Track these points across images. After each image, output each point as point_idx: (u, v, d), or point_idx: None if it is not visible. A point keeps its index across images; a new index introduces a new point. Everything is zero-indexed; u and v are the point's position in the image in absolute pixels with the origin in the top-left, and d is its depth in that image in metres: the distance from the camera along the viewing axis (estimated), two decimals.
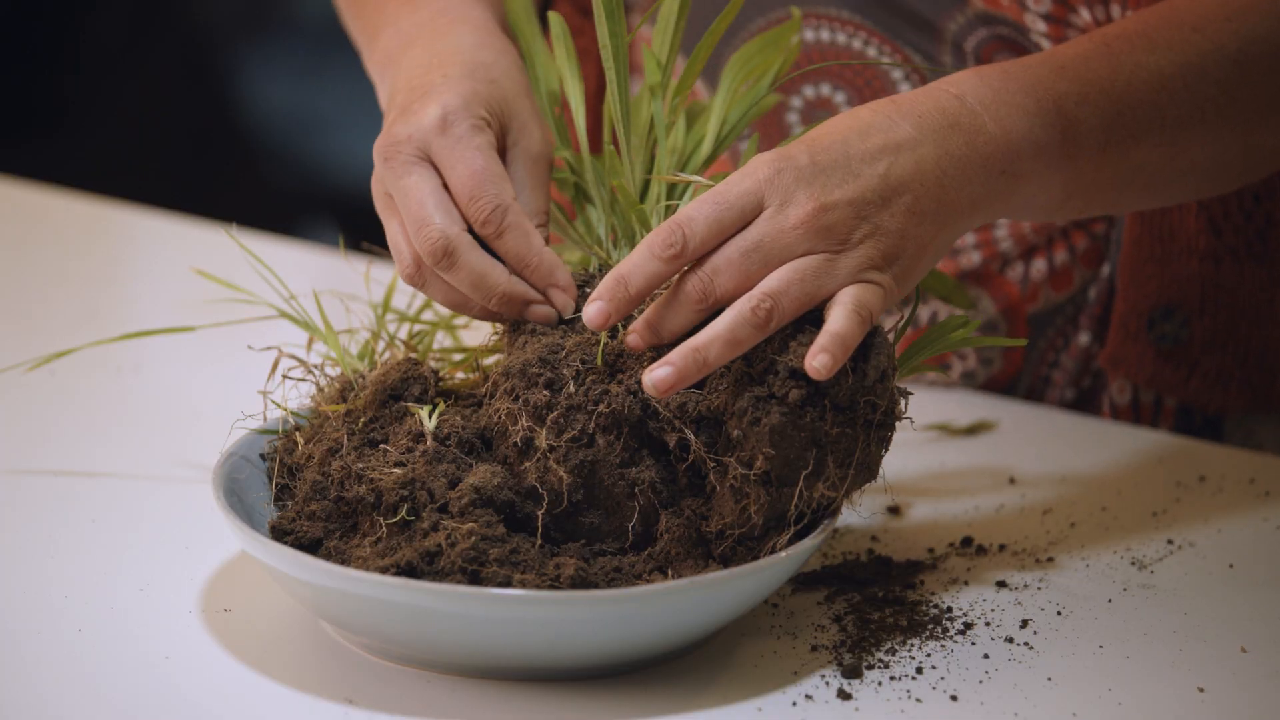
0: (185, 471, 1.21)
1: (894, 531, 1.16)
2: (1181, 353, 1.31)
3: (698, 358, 0.95)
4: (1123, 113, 1.07)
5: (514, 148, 1.09)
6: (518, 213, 1.04)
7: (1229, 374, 1.32)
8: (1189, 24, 1.10)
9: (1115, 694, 0.96)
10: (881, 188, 0.99)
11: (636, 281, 0.97)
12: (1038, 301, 1.35)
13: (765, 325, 0.96)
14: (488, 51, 1.11)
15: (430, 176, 1.05)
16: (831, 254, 0.97)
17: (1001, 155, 1.02)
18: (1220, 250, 1.29)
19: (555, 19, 1.16)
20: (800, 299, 0.96)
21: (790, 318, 0.96)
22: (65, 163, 2.94)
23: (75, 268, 1.72)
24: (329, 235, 2.80)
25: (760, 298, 0.96)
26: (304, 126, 3.00)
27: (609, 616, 0.92)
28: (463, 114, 1.06)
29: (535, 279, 1.04)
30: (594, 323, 0.97)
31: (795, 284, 0.96)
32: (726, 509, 0.97)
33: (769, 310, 0.95)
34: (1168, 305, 1.30)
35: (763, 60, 1.15)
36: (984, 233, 1.34)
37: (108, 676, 0.96)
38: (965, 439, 1.31)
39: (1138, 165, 1.08)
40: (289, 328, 1.13)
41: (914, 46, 1.31)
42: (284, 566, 0.94)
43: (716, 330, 0.95)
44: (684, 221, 0.97)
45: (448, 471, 0.98)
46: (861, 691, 0.96)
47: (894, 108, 1.01)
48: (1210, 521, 1.17)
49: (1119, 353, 1.32)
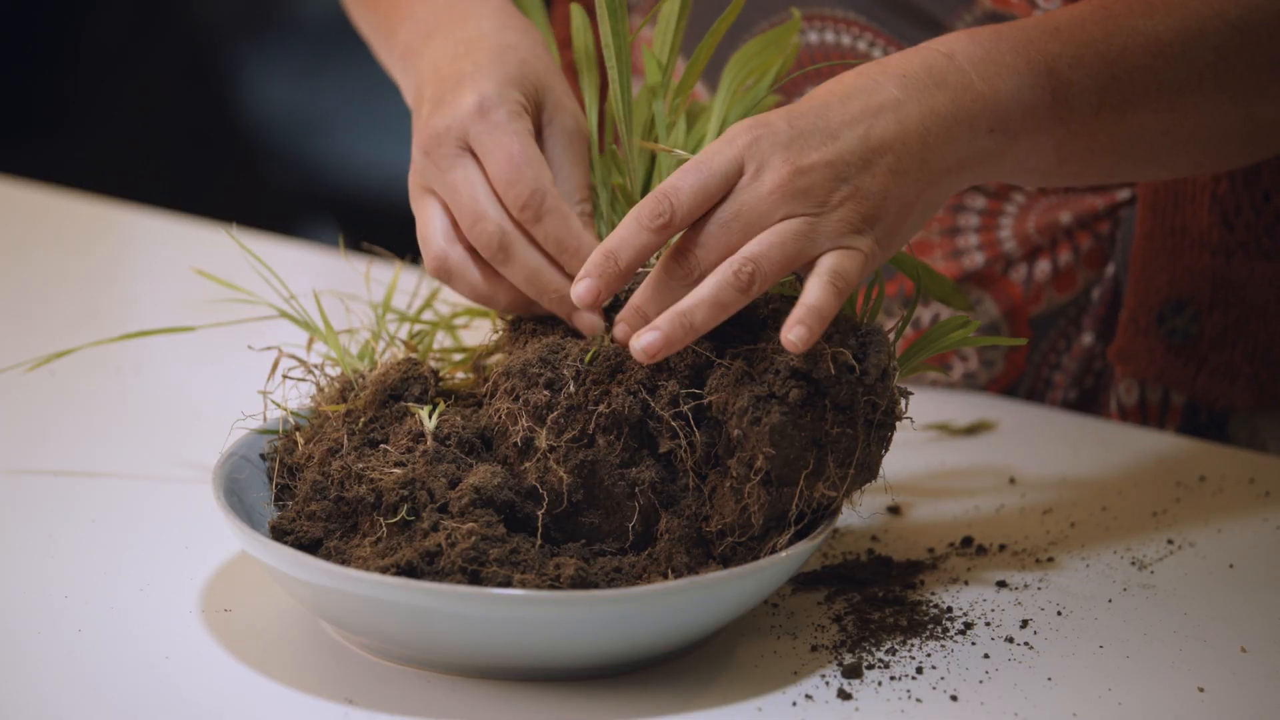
0: (185, 471, 1.21)
1: (894, 531, 1.16)
2: (1190, 348, 1.31)
3: (684, 321, 0.95)
4: (1117, 76, 1.06)
5: (549, 125, 1.09)
6: (556, 198, 1.04)
7: (1237, 369, 1.31)
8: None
9: (1115, 694, 0.96)
10: (861, 149, 0.98)
11: (626, 255, 0.97)
12: (1040, 303, 1.35)
13: (748, 289, 0.95)
14: (511, 33, 1.11)
15: (477, 168, 1.05)
16: (811, 216, 0.96)
17: (989, 114, 1.01)
18: (1232, 244, 1.29)
19: (577, 11, 1.16)
20: (781, 262, 0.96)
21: (773, 281, 0.96)
22: (65, 163, 2.94)
23: (75, 268, 1.72)
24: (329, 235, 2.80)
25: (742, 261, 0.95)
26: (304, 126, 3.00)
27: (609, 616, 0.92)
28: (499, 100, 1.06)
29: (573, 265, 1.03)
30: (584, 300, 0.97)
31: (776, 247, 0.96)
32: (727, 509, 0.97)
33: (750, 274, 0.95)
34: (1178, 300, 1.30)
35: (762, 61, 1.15)
36: (988, 234, 1.34)
37: (108, 676, 0.96)
38: (965, 439, 1.31)
39: (1135, 131, 1.07)
40: (289, 328, 1.13)
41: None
42: (284, 566, 0.94)
43: (702, 295, 0.95)
44: (670, 191, 0.96)
45: (448, 471, 0.98)
46: (861, 691, 0.96)
47: (879, 69, 1.01)
48: (1210, 521, 1.17)
49: (1128, 348, 1.32)
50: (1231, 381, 1.32)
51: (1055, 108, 1.04)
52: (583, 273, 0.97)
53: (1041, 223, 1.33)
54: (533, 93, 1.08)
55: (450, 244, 1.06)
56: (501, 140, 1.04)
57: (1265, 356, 1.31)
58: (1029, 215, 1.33)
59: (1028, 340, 1.35)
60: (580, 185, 1.08)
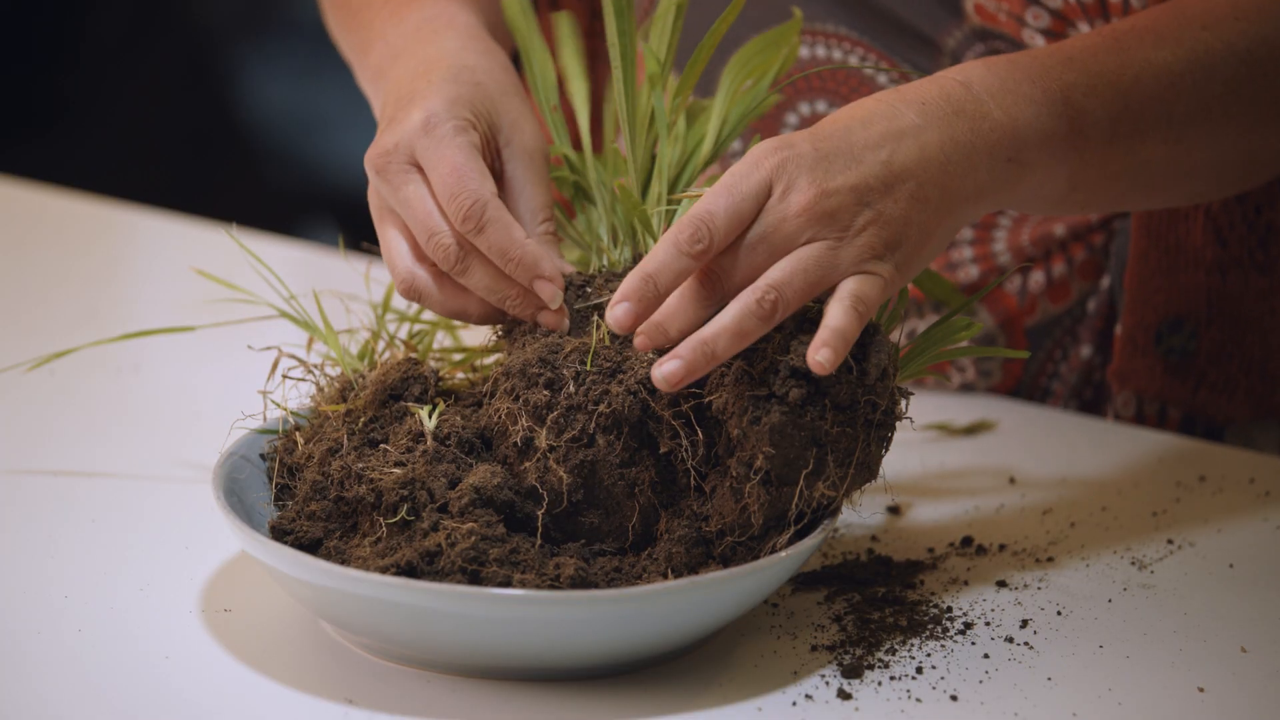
0: (185, 471, 1.21)
1: (894, 531, 1.16)
2: (1189, 364, 1.31)
3: (706, 350, 0.95)
4: (1130, 106, 1.06)
5: (508, 146, 1.09)
6: (498, 207, 1.04)
7: (1235, 383, 1.32)
8: (1198, 21, 1.10)
9: (1115, 694, 0.96)
10: (884, 174, 0.98)
11: (665, 279, 0.97)
12: (1036, 313, 1.35)
13: (771, 317, 0.96)
14: (471, 54, 1.11)
15: (425, 184, 1.05)
16: (834, 241, 0.97)
17: (1007, 142, 1.02)
18: (1226, 261, 1.29)
19: (563, 18, 1.16)
20: (803, 289, 0.96)
21: (795, 308, 0.96)
22: (65, 163, 2.93)
23: (75, 268, 1.72)
24: (329, 235, 2.80)
25: (765, 290, 0.96)
26: (304, 126, 3.00)
27: (609, 616, 0.92)
28: (445, 116, 1.06)
29: (519, 274, 1.03)
30: (623, 325, 0.97)
31: (799, 274, 0.96)
32: (727, 509, 0.97)
33: (774, 302, 0.96)
34: (1176, 317, 1.30)
35: (763, 61, 1.15)
36: (981, 246, 1.34)
37: (108, 676, 0.96)
38: (965, 439, 1.31)
39: (1144, 161, 1.08)
40: (289, 328, 1.13)
41: (912, 63, 1.31)
42: (284, 566, 0.94)
43: (724, 323, 0.96)
44: (706, 217, 0.97)
45: (448, 471, 0.98)
46: (861, 691, 0.96)
47: (898, 96, 1.01)
48: (1210, 521, 1.17)
49: (1126, 367, 1.32)
50: (1229, 396, 1.32)
51: (1071, 137, 1.04)
52: (620, 296, 0.97)
53: (1035, 235, 1.33)
54: (485, 112, 1.08)
55: (415, 265, 1.07)
56: (445, 154, 1.04)
57: (1261, 369, 1.32)
58: (1023, 228, 1.33)
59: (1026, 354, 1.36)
60: (543, 205, 1.08)
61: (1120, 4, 1.25)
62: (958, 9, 1.28)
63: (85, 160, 2.96)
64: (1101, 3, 1.25)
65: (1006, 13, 1.27)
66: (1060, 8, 1.26)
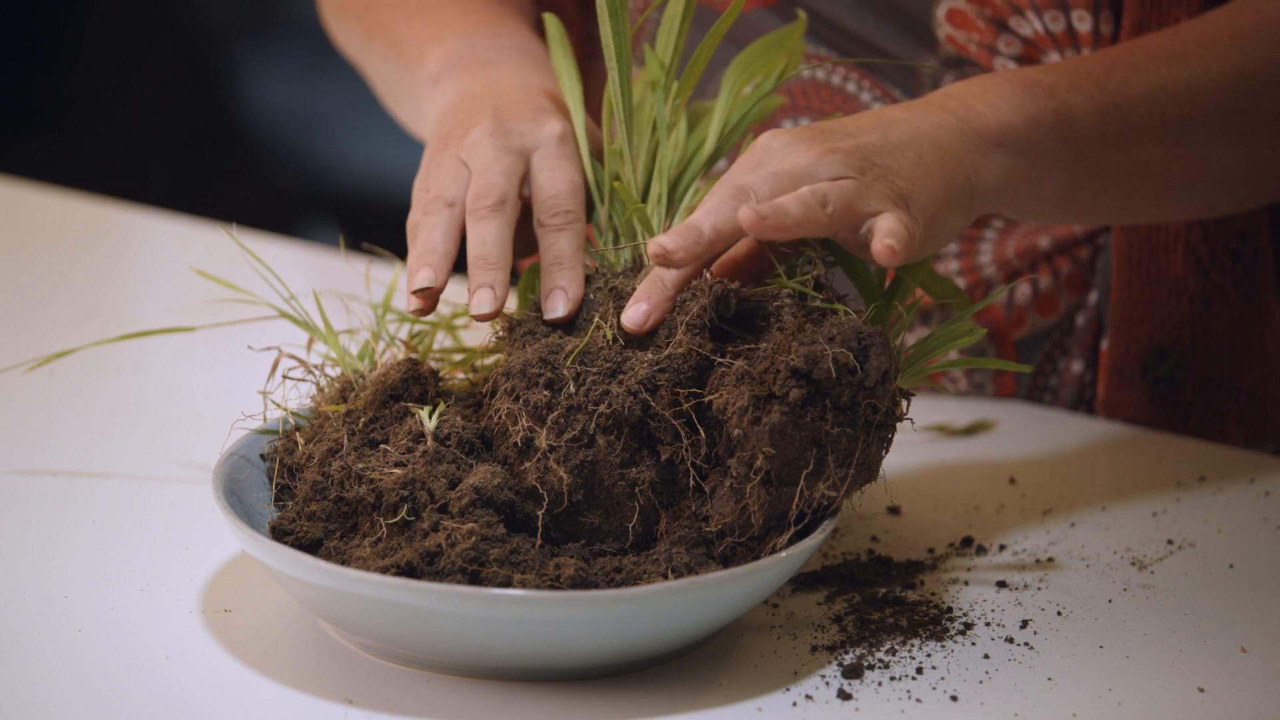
0: (185, 471, 1.21)
1: (894, 531, 1.16)
2: (1176, 394, 1.32)
3: (779, 212, 0.96)
4: (1119, 104, 1.08)
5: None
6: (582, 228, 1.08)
7: (1225, 411, 1.32)
8: (1194, 39, 1.11)
9: (1115, 694, 0.96)
10: (882, 143, 1.01)
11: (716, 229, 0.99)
12: (1024, 326, 1.35)
13: (824, 206, 0.97)
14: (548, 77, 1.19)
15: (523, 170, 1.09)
16: (855, 178, 0.99)
17: (994, 130, 1.05)
18: (1209, 290, 1.30)
19: (550, 19, 1.16)
20: (845, 203, 0.97)
21: (841, 218, 0.97)
22: (65, 163, 2.93)
23: (75, 268, 1.72)
24: (329, 235, 2.81)
25: (812, 191, 0.97)
26: (304, 126, 3.00)
27: (609, 616, 0.92)
28: (574, 142, 1.11)
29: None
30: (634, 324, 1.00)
31: (837, 189, 0.97)
32: (727, 509, 0.97)
33: (824, 195, 0.97)
34: (1160, 347, 1.31)
35: (765, 63, 1.15)
36: (966, 259, 1.34)
37: (108, 676, 0.96)
38: (965, 439, 1.31)
39: (1142, 163, 1.09)
40: (289, 328, 1.13)
41: (901, 88, 1.32)
42: (284, 567, 0.94)
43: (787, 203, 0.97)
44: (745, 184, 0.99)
45: (448, 472, 0.98)
46: (861, 691, 0.96)
47: (881, 108, 1.04)
48: (1210, 521, 1.17)
49: (1114, 399, 1.33)
50: (1221, 422, 1.32)
51: (1058, 126, 1.06)
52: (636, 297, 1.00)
53: (1021, 247, 1.33)
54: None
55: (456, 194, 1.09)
56: (567, 168, 1.09)
57: (1252, 395, 1.32)
58: (1008, 240, 1.33)
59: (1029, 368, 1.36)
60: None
61: (1089, 33, 1.26)
62: (931, 38, 1.29)
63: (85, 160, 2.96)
64: (1070, 32, 1.26)
65: (977, 44, 1.28)
66: (1030, 35, 1.27)
